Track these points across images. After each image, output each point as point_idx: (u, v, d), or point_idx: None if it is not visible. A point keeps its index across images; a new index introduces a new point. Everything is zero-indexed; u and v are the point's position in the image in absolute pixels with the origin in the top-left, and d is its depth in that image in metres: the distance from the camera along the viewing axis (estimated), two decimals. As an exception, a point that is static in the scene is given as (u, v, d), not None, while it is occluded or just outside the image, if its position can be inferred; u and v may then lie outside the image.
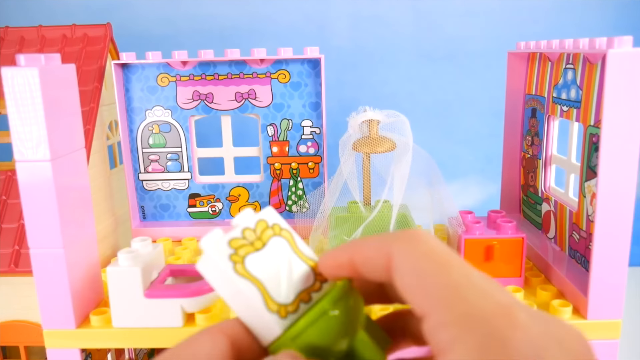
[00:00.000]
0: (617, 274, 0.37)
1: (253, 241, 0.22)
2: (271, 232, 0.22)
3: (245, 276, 0.21)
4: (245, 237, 0.22)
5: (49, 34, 0.54)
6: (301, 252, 0.23)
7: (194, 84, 0.51)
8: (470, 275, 0.18)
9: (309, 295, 0.22)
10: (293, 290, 0.22)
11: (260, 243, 0.22)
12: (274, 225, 0.23)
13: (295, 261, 0.23)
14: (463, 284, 0.17)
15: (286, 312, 0.21)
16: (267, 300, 0.21)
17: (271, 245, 0.22)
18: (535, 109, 0.50)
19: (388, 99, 0.81)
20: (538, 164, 0.50)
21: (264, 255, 0.22)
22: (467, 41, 0.80)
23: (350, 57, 0.80)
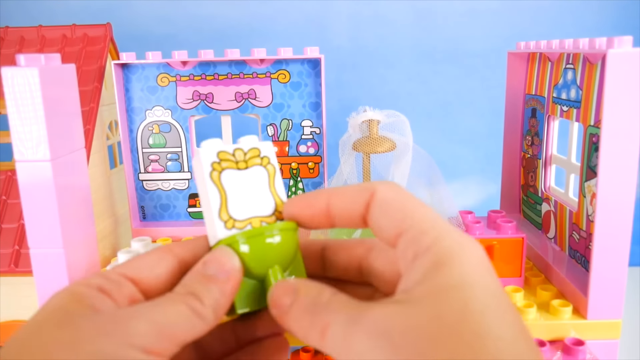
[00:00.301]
0: (617, 273, 0.37)
1: (238, 161, 0.25)
2: (258, 161, 0.26)
3: (216, 183, 0.24)
4: (234, 155, 0.25)
5: (49, 34, 0.54)
6: (275, 188, 0.26)
7: (194, 84, 0.51)
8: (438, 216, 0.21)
9: (260, 222, 0.25)
10: (248, 211, 0.25)
11: (244, 165, 0.25)
12: (264, 157, 0.26)
13: (264, 192, 0.25)
14: (434, 212, 0.21)
15: (232, 225, 0.24)
16: (222, 209, 0.24)
17: (252, 171, 0.25)
18: (535, 108, 0.50)
19: (388, 99, 0.81)
20: (538, 164, 0.50)
21: (241, 175, 0.25)
22: (467, 41, 0.80)
23: (350, 57, 0.80)
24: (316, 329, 0.20)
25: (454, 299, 0.18)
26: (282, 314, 0.22)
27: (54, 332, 0.19)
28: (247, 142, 0.26)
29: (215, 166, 0.25)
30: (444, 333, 0.17)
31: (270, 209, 0.25)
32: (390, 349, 0.18)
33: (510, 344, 0.18)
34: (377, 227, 0.22)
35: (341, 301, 0.20)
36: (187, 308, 0.21)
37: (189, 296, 0.22)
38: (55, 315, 0.20)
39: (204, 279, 0.22)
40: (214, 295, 0.22)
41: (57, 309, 0.20)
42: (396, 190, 0.22)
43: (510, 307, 0.19)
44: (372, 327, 0.18)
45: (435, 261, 0.19)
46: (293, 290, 0.22)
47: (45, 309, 0.20)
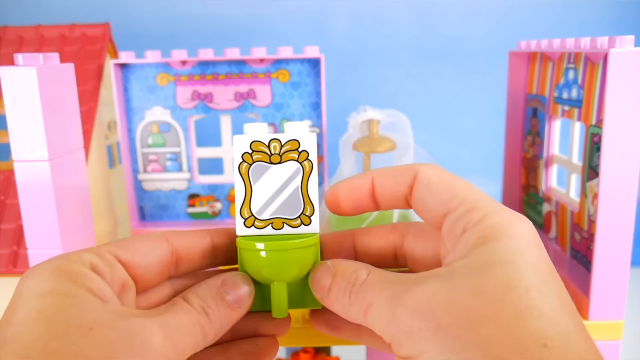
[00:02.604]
0: (619, 274, 0.37)
1: (272, 154, 0.23)
2: (294, 156, 0.24)
3: (243, 176, 0.23)
4: (269, 147, 0.23)
5: (47, 33, 0.54)
6: (307, 188, 0.24)
7: (194, 83, 0.51)
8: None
9: (282, 224, 0.24)
10: (272, 211, 0.24)
11: (277, 159, 0.24)
12: (302, 151, 0.24)
13: (294, 191, 0.24)
14: (480, 191, 0.21)
15: (252, 223, 0.24)
16: (245, 205, 0.24)
17: (286, 166, 0.24)
18: (536, 108, 0.50)
19: (388, 99, 0.81)
20: (539, 164, 0.50)
21: (273, 170, 0.24)
22: (468, 40, 0.80)
23: (350, 57, 0.80)
24: (358, 308, 0.20)
25: (498, 274, 0.18)
26: (323, 297, 0.22)
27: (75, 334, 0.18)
28: (292, 130, 0.24)
29: (246, 157, 0.23)
30: (486, 309, 0.17)
31: (297, 211, 0.24)
32: (434, 325, 0.17)
33: (553, 320, 0.17)
34: (422, 207, 0.21)
35: (381, 279, 0.20)
36: (199, 325, 0.21)
37: (203, 314, 0.22)
38: (60, 303, 0.19)
39: (220, 300, 0.22)
40: (222, 320, 0.22)
41: (57, 294, 0.19)
42: (439, 170, 0.22)
43: (556, 284, 0.19)
44: (415, 304, 0.18)
45: (482, 236, 0.19)
46: (329, 271, 0.22)
47: (40, 292, 0.19)
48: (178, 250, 0.23)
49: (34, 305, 0.19)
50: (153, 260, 0.22)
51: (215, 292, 0.23)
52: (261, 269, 0.23)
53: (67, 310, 0.19)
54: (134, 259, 0.22)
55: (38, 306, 0.19)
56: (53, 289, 0.19)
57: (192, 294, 0.22)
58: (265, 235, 0.24)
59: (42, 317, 0.18)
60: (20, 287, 0.20)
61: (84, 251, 0.21)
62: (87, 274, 0.20)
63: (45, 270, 0.20)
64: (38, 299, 0.19)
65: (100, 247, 0.22)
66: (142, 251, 0.22)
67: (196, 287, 0.23)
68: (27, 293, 0.20)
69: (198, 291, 0.22)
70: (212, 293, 0.22)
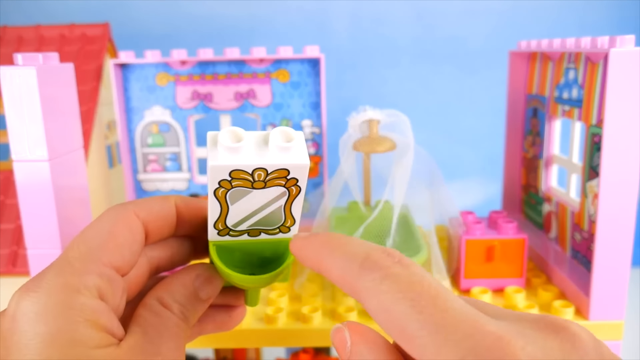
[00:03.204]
0: (619, 274, 0.36)
1: (255, 181, 0.20)
2: (282, 183, 0.21)
3: (219, 199, 0.21)
4: (252, 176, 0.20)
5: (47, 33, 0.54)
6: (291, 207, 0.22)
7: (193, 83, 0.51)
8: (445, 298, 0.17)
9: (259, 232, 0.23)
10: (248, 225, 0.22)
11: (261, 185, 0.21)
12: (291, 179, 0.21)
13: (276, 209, 0.22)
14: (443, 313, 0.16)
15: (226, 233, 0.22)
16: (220, 221, 0.22)
17: (270, 190, 0.21)
18: (537, 108, 0.50)
19: (388, 99, 0.81)
20: (539, 164, 0.50)
21: (254, 193, 0.21)
22: (468, 40, 0.80)
23: (350, 57, 0.80)
24: None
25: None
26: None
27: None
28: (279, 149, 0.20)
29: (224, 184, 0.20)
30: None
31: (276, 224, 0.23)
32: None
33: None
34: None
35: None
36: (183, 332, 0.22)
37: (184, 319, 0.23)
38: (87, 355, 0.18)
39: (195, 299, 0.23)
40: (197, 315, 0.24)
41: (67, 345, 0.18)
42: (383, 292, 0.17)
43: None
44: None
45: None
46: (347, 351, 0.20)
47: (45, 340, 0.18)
48: (147, 225, 0.24)
49: (42, 357, 0.18)
50: (137, 248, 0.23)
51: (190, 291, 0.23)
52: (234, 282, 0.24)
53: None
54: (124, 260, 0.22)
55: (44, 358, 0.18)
56: (72, 339, 0.18)
57: (170, 298, 0.23)
58: (240, 241, 0.23)
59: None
60: (25, 327, 0.18)
61: (85, 273, 0.20)
62: (98, 309, 0.20)
63: (54, 308, 0.19)
64: (58, 353, 0.18)
65: (93, 258, 0.21)
66: (128, 246, 0.22)
67: (171, 288, 0.23)
68: (41, 340, 0.18)
69: (175, 294, 0.23)
70: (187, 293, 0.23)
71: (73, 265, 0.20)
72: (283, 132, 0.20)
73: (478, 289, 0.41)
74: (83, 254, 0.21)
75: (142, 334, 0.21)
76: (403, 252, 0.40)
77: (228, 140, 0.19)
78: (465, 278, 0.41)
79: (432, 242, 0.41)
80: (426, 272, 0.18)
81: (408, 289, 0.17)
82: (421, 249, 0.39)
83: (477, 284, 0.41)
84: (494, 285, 0.41)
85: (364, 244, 0.19)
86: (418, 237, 0.41)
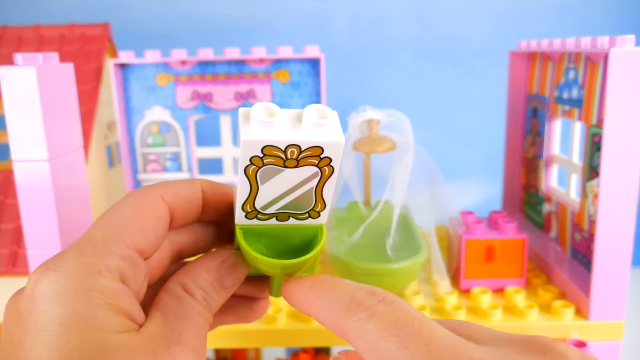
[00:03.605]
0: (620, 274, 0.36)
1: (288, 159, 0.19)
2: (315, 162, 0.20)
3: (250, 178, 0.20)
4: (285, 153, 0.19)
5: (47, 33, 0.54)
6: (322, 189, 0.21)
7: (193, 83, 0.51)
8: (429, 331, 0.17)
9: (288, 217, 0.22)
10: (277, 208, 0.22)
11: (293, 163, 0.20)
12: (324, 158, 0.20)
13: (307, 192, 0.21)
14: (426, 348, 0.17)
15: (254, 216, 0.22)
16: (248, 202, 0.21)
17: (302, 170, 0.20)
18: (537, 108, 0.50)
19: (388, 99, 0.81)
20: (539, 164, 0.50)
21: (285, 173, 0.20)
22: (468, 40, 0.80)
23: (350, 57, 0.80)
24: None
25: None
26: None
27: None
28: (313, 125, 0.19)
29: (256, 161, 0.20)
30: None
31: (306, 208, 0.22)
32: None
33: None
34: None
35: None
36: (206, 320, 0.22)
37: (207, 307, 0.22)
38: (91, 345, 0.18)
39: (219, 286, 0.23)
40: (220, 302, 0.23)
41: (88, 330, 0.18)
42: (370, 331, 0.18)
43: None
44: None
45: None
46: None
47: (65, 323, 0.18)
48: (174, 209, 0.23)
49: (73, 344, 0.18)
50: (162, 232, 0.22)
51: (214, 277, 0.23)
52: (260, 267, 0.23)
53: (113, 353, 0.18)
54: (148, 243, 0.21)
55: (79, 347, 0.18)
56: (92, 324, 0.18)
57: (193, 284, 0.22)
58: (267, 226, 0.22)
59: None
60: (44, 307, 0.18)
61: (107, 254, 0.20)
62: (119, 293, 0.19)
63: (74, 290, 0.18)
64: (77, 337, 0.18)
65: (116, 239, 0.20)
66: (152, 229, 0.21)
67: (195, 273, 0.23)
68: (60, 322, 0.18)
69: (198, 280, 0.22)
70: (210, 279, 0.22)
71: (95, 245, 0.20)
72: (318, 109, 0.19)
73: (478, 289, 0.41)
74: (106, 235, 0.20)
75: (163, 320, 0.20)
76: (403, 252, 0.40)
77: (262, 114, 0.19)
78: (465, 278, 0.41)
79: (432, 242, 0.41)
80: (410, 307, 0.18)
81: (393, 326, 0.17)
82: (421, 249, 0.39)
83: (477, 284, 0.41)
84: (494, 285, 0.41)
85: (349, 285, 0.20)
86: (418, 237, 0.41)
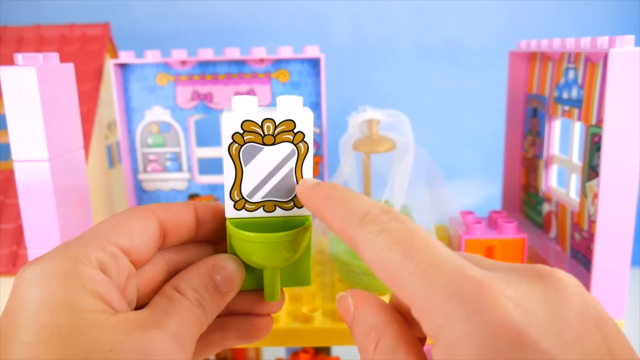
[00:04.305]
0: (619, 274, 0.36)
1: (265, 135, 0.21)
2: (289, 137, 0.22)
3: (233, 157, 0.22)
4: (262, 128, 0.21)
5: (47, 33, 0.54)
6: (301, 170, 0.23)
7: (193, 83, 0.51)
8: (434, 248, 0.18)
9: (274, 207, 0.23)
10: (263, 194, 0.23)
11: (271, 140, 0.22)
12: (298, 132, 0.22)
13: (287, 173, 0.23)
14: (431, 264, 0.17)
15: (242, 206, 0.23)
16: (235, 188, 0.22)
17: (279, 147, 0.22)
18: (537, 108, 0.50)
19: (388, 99, 0.81)
20: (539, 164, 0.50)
21: (265, 151, 0.22)
22: (468, 40, 0.80)
23: (351, 57, 0.80)
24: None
25: None
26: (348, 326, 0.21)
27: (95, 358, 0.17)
28: (285, 107, 0.22)
29: (237, 138, 0.21)
30: None
31: (290, 194, 0.23)
32: None
33: None
34: None
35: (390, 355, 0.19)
36: (198, 320, 0.22)
37: (200, 307, 0.22)
38: (74, 321, 0.18)
39: (212, 288, 0.23)
40: (215, 307, 0.23)
41: (70, 308, 0.18)
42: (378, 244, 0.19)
43: None
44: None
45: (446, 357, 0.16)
46: (349, 314, 0.21)
47: (49, 305, 0.18)
48: (165, 224, 0.23)
49: (44, 320, 0.18)
50: (149, 238, 0.22)
51: (207, 280, 0.23)
52: (252, 255, 0.23)
53: (84, 330, 0.18)
54: (133, 244, 0.22)
55: (50, 323, 0.18)
56: (64, 302, 0.18)
57: (185, 285, 0.22)
58: (256, 219, 0.23)
59: (57, 339, 0.18)
60: (22, 292, 0.19)
61: (88, 245, 0.20)
62: (96, 278, 0.20)
63: (51, 274, 0.19)
64: (48, 314, 0.18)
65: (100, 237, 0.21)
66: (138, 232, 0.22)
67: (187, 276, 0.23)
68: (34, 302, 0.18)
69: (190, 282, 0.22)
70: (204, 282, 0.23)
71: (79, 240, 0.21)
72: (287, 97, 0.22)
73: (478, 289, 0.41)
74: (92, 233, 0.22)
75: (147, 311, 0.21)
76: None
77: (241, 101, 0.21)
78: (465, 278, 0.41)
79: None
80: (420, 227, 0.19)
81: (400, 241, 0.18)
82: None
83: (477, 284, 0.41)
84: (494, 285, 0.41)
85: (364, 201, 0.20)
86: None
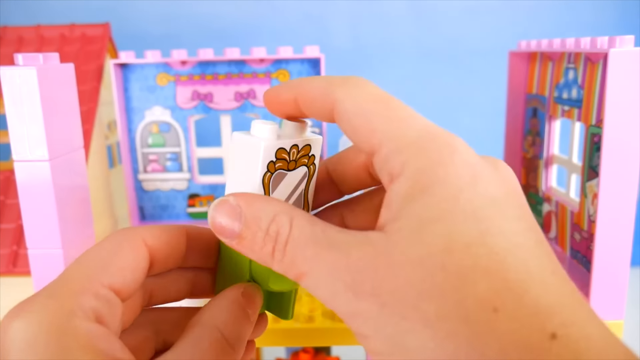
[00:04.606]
0: (619, 274, 0.36)
1: (290, 161, 0.22)
2: (305, 161, 0.23)
3: (264, 185, 0.22)
4: (290, 155, 0.22)
5: (47, 33, 0.54)
6: (308, 190, 0.23)
7: (194, 83, 0.51)
8: (411, 111, 0.19)
9: None
10: None
11: (293, 165, 0.22)
12: (311, 155, 0.23)
13: (299, 194, 0.23)
14: (406, 117, 0.19)
15: None
16: None
17: (298, 172, 0.23)
18: (536, 108, 0.50)
19: (388, 99, 0.81)
20: (539, 164, 0.50)
21: (288, 176, 0.22)
22: (468, 40, 0.80)
23: (350, 57, 0.80)
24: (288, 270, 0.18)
25: (434, 236, 0.16)
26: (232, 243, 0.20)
27: None
28: (301, 133, 0.22)
29: (270, 167, 0.21)
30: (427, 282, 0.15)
31: None
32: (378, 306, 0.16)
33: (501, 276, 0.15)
34: (350, 140, 0.20)
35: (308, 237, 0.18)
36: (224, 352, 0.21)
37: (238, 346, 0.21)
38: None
39: (245, 321, 0.22)
40: (246, 337, 0.22)
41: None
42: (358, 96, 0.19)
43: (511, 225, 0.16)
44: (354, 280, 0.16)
45: (410, 187, 0.17)
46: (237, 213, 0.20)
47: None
48: (154, 255, 0.22)
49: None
50: (139, 275, 0.21)
51: (245, 316, 0.21)
52: (271, 287, 0.22)
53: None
54: (125, 283, 0.20)
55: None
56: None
57: (219, 319, 0.21)
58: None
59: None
60: (9, 352, 0.17)
61: (80, 293, 0.18)
62: (94, 332, 0.18)
63: (45, 333, 0.17)
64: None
65: (91, 278, 0.19)
66: (130, 269, 0.20)
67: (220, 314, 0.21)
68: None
69: (228, 317, 0.21)
70: (241, 320, 0.21)
71: (69, 284, 0.19)
72: (290, 122, 0.22)
73: (478, 289, 0.41)
74: (81, 273, 0.19)
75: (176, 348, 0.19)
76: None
77: (264, 127, 0.21)
78: (465, 278, 0.41)
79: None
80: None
81: (381, 99, 0.19)
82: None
83: (477, 284, 0.41)
84: (494, 285, 0.41)
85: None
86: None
